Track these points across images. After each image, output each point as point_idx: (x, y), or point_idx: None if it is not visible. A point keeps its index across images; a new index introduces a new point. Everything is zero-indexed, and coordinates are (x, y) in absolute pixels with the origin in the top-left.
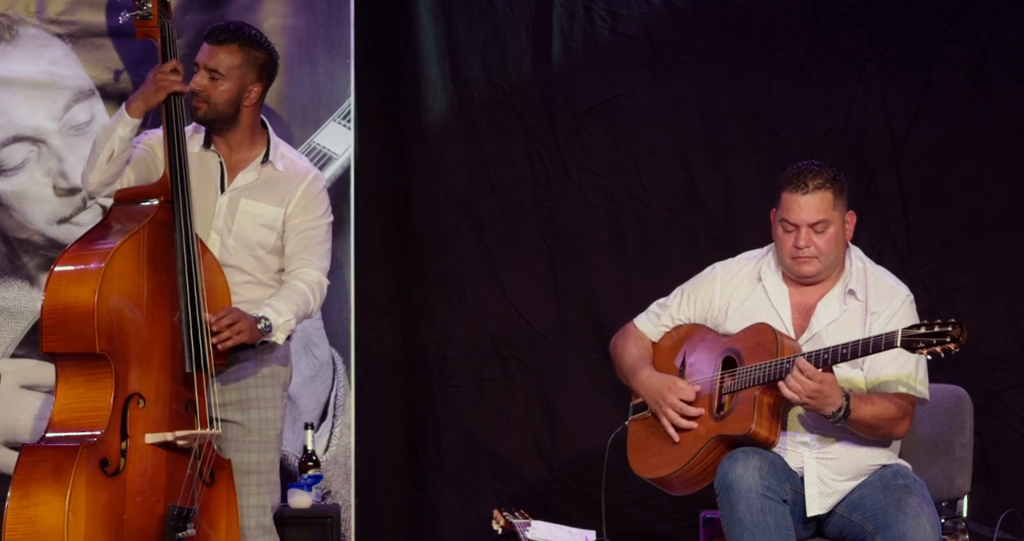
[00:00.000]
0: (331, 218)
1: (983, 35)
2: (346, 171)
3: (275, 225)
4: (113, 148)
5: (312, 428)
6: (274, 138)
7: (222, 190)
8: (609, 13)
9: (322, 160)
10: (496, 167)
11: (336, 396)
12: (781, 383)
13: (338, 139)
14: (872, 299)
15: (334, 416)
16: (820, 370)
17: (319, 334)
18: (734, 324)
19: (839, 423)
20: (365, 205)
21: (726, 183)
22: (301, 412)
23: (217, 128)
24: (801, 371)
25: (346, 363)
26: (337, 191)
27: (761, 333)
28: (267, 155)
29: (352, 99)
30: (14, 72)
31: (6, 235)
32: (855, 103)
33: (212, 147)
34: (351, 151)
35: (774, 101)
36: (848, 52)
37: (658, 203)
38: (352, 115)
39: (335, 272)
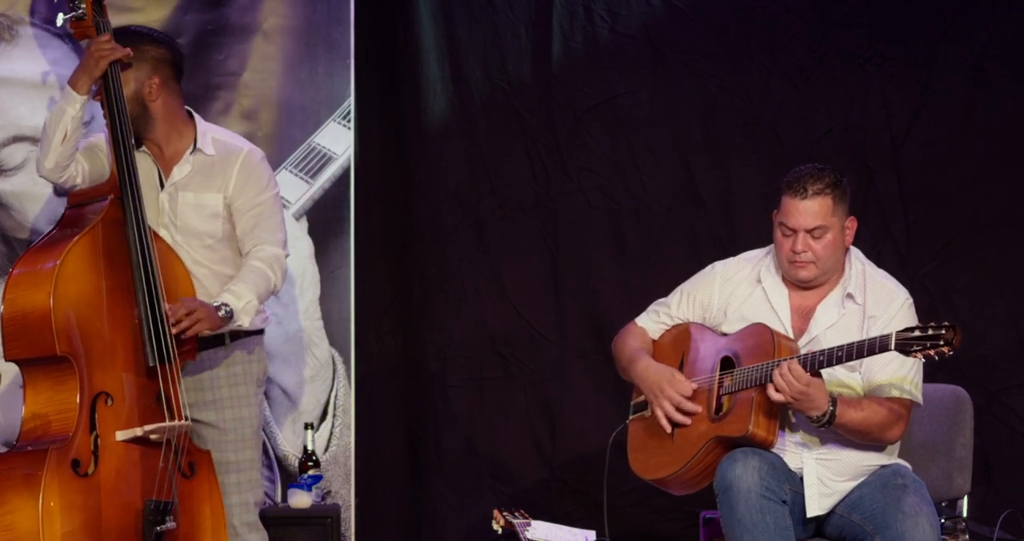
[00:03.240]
0: (276, 190)
1: (983, 35)
2: (346, 171)
3: (218, 211)
4: (66, 128)
5: (312, 428)
6: (201, 125)
7: (161, 187)
8: (609, 13)
9: (322, 160)
10: (496, 167)
11: (336, 396)
12: (768, 383)
13: (338, 139)
14: (870, 303)
15: (334, 416)
16: (810, 373)
17: (319, 334)
18: (733, 324)
19: (824, 427)
20: (365, 205)
21: (726, 183)
22: (301, 412)
23: (136, 128)
24: (790, 371)
25: (346, 363)
26: (337, 191)
27: (759, 334)
28: (195, 143)
29: (352, 99)
30: (14, 72)
31: (6, 235)
32: (855, 103)
33: (143, 148)
34: (351, 151)
35: (774, 101)
36: (848, 52)
37: (658, 203)
38: (352, 115)
39: (335, 272)
